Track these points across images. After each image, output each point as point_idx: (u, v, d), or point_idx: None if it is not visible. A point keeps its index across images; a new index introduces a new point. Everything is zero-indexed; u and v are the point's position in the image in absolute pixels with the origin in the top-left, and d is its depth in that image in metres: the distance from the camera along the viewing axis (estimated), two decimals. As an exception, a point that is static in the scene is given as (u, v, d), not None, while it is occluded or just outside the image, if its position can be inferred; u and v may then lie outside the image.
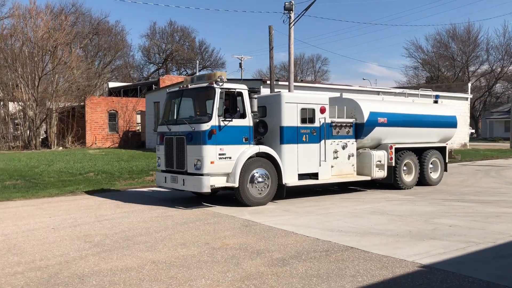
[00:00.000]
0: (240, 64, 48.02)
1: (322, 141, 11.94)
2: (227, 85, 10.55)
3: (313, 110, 11.84)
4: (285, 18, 23.35)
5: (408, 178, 13.81)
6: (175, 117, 11.28)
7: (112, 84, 50.39)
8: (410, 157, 13.78)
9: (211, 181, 10.21)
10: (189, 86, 11.22)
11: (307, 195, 12.46)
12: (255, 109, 10.85)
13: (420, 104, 15.19)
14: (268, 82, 24.38)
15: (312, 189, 13.09)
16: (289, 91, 23.49)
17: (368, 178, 12.87)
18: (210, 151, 10.19)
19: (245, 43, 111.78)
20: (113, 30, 60.43)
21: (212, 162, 10.21)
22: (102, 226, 8.74)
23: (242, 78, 41.70)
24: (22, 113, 36.80)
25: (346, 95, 14.23)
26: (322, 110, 12.00)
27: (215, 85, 10.33)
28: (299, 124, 11.53)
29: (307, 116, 11.70)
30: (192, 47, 68.34)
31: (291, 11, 22.99)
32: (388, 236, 7.67)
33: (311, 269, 5.95)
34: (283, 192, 11.18)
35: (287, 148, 11.32)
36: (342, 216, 9.59)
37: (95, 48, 57.85)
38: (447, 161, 15.07)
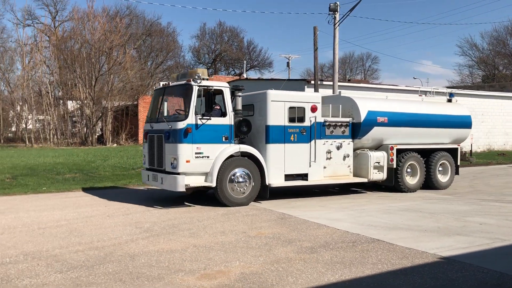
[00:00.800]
0: (288, 63, 48.59)
1: (313, 141, 11.59)
2: (206, 83, 10.39)
3: (303, 108, 11.49)
4: (330, 19, 23.76)
5: (412, 180, 13.23)
6: (157, 115, 11.20)
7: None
8: (415, 159, 13.17)
9: (187, 180, 10.10)
10: (170, 84, 11.17)
11: (342, 194, 12.89)
12: (240, 107, 10.83)
13: (430, 103, 14.30)
14: (313, 82, 24.79)
15: (346, 188, 13.52)
16: (333, 91, 23.85)
17: (365, 180, 12.42)
18: (185, 150, 10.07)
19: (293, 42, 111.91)
20: (165, 31, 62.62)
21: (187, 161, 10.08)
22: (151, 214, 9.62)
23: (289, 77, 42.31)
24: (79, 111, 39.15)
25: (345, 93, 13.65)
26: (313, 109, 11.60)
27: (192, 83, 10.22)
28: (287, 123, 11.23)
29: (296, 115, 11.40)
30: (240, 47, 69.52)
31: (336, 12, 23.35)
32: (415, 231, 8.05)
33: (336, 256, 6.49)
34: (266, 193, 10.90)
35: (273, 148, 11.06)
36: (375, 212, 9.99)
37: (147, 49, 60.16)
38: (458, 163, 14.23)
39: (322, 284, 5.41)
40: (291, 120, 11.32)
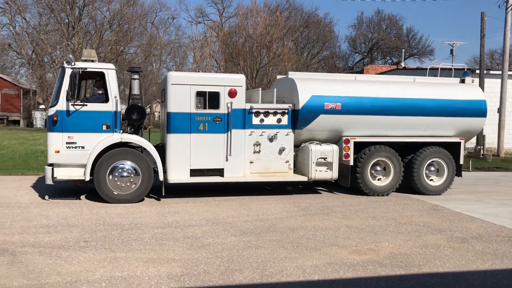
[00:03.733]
0: (451, 50, 45.60)
1: (234, 131, 9.95)
2: (82, 65, 9.36)
3: (217, 93, 9.89)
4: (501, 2, 21.97)
5: (381, 182, 10.84)
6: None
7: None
8: (385, 155, 10.69)
9: (57, 173, 9.23)
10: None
11: (504, 190, 12.22)
12: (136, 92, 10.00)
13: (425, 84, 11.41)
14: (478, 71, 23.19)
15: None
16: (502, 81, 22.07)
17: (304, 178, 10.46)
18: (54, 139, 9.23)
19: (458, 27, 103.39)
20: (321, 22, 63.52)
21: (57, 152, 9.21)
22: (306, 197, 10.55)
23: (453, 65, 39.63)
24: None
25: (300, 75, 11.27)
26: (232, 94, 9.95)
27: (65, 65, 9.32)
28: (194, 110, 9.80)
29: (207, 100, 9.91)
30: (399, 35, 66.99)
31: (509, -5, 21.45)
32: None
33: (488, 248, 6.56)
34: (161, 190, 9.68)
35: (175, 138, 9.72)
36: (540, 211, 9.44)
37: (304, 40, 61.83)
38: (461, 162, 11.32)
39: (471, 270, 5.65)
40: (200, 106, 9.98)
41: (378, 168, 10.83)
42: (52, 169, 9.23)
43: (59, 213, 8.34)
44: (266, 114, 10.30)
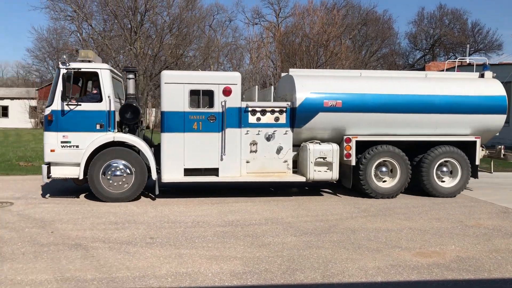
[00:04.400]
0: (521, 44, 43.08)
1: (228, 130, 9.78)
2: (77, 65, 9.52)
3: (211, 91, 9.76)
4: None
5: (386, 184, 10.32)
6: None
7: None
8: (391, 155, 10.18)
9: (53, 171, 9.49)
10: None
11: None
12: (132, 91, 9.98)
13: (437, 80, 10.81)
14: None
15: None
16: None
17: (303, 179, 10.07)
18: (50, 138, 9.48)
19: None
20: (380, 19, 62.06)
21: (52, 150, 9.46)
22: (366, 198, 10.35)
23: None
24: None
25: (302, 72, 11.10)
26: (226, 92, 9.77)
27: (60, 66, 9.51)
28: (188, 109, 9.70)
29: (201, 99, 9.80)
30: (463, 30, 64.12)
31: None
32: None
33: None
34: (155, 189, 9.67)
35: (168, 138, 9.69)
36: None
37: (362, 38, 60.67)
38: (477, 162, 10.54)
39: (546, 277, 5.34)
40: (194, 105, 9.84)
41: (384, 169, 10.31)
42: (48, 167, 9.48)
43: (126, 210, 8.72)
44: (263, 112, 10.04)
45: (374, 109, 10.13)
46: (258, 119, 10.03)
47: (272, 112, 10.06)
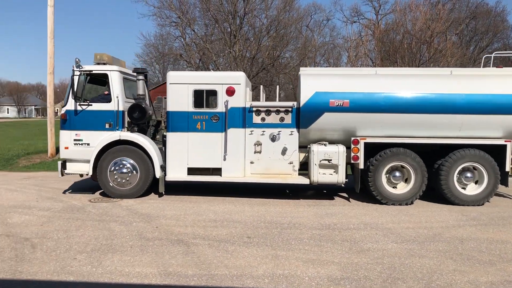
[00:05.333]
0: None
1: (230, 130, 9.72)
2: (89, 67, 9.96)
3: (214, 91, 9.75)
4: None
5: (398, 190, 9.50)
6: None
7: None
8: (404, 159, 9.39)
9: (68, 168, 10.13)
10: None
11: None
12: (141, 92, 10.15)
13: (462, 77, 9.63)
14: None
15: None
16: None
17: (306, 181, 9.59)
18: (64, 136, 10.04)
19: None
20: (492, 11, 57.37)
21: (66, 148, 10.04)
22: (476, 206, 9.56)
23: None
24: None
25: (311, 70, 10.72)
26: (230, 92, 9.69)
27: (74, 68, 9.89)
28: (192, 109, 9.75)
29: (205, 99, 9.76)
30: None
31: None
32: None
33: None
34: (162, 188, 9.90)
35: (173, 137, 9.84)
36: None
37: (470, 33, 56.55)
38: (507, 169, 9.26)
39: None
40: (198, 105, 9.77)
41: (397, 173, 9.56)
42: (62, 164, 10.16)
43: (224, 209, 8.95)
44: (268, 112, 9.86)
45: (386, 109, 9.44)
46: (263, 119, 9.90)
47: (277, 112, 9.88)
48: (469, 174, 9.52)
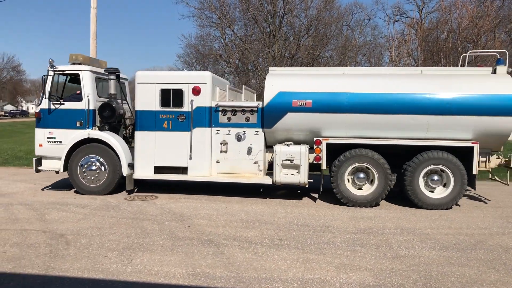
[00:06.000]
0: None
1: (196, 129, 9.77)
2: (62, 67, 10.31)
3: (181, 91, 9.80)
4: None
5: (363, 191, 9.32)
6: None
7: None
8: (367, 160, 9.20)
9: (44, 164, 10.49)
10: None
11: None
12: (112, 91, 10.36)
13: (432, 77, 9.34)
14: None
15: None
16: None
17: (269, 181, 9.54)
18: (39, 134, 10.40)
19: None
20: (544, 8, 54.60)
21: (40, 145, 10.40)
22: (523, 211, 9.07)
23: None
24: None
25: (280, 70, 10.66)
26: (196, 91, 9.74)
27: (48, 68, 10.22)
28: (159, 108, 9.84)
29: (172, 98, 9.81)
30: None
31: None
32: None
33: None
34: (131, 184, 10.15)
35: (141, 136, 9.98)
36: None
37: (521, 31, 54.08)
38: (474, 172, 8.98)
39: None
40: (165, 104, 9.84)
41: (362, 175, 9.33)
42: (37, 160, 10.50)
43: (257, 209, 8.86)
44: (234, 112, 9.84)
45: (349, 110, 9.23)
46: (229, 118, 9.87)
47: (243, 112, 9.84)
48: (436, 177, 9.20)
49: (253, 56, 40.75)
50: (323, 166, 9.42)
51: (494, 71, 9.52)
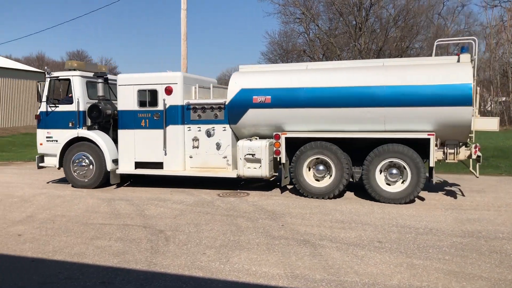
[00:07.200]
0: None
1: (170, 126, 10.35)
2: (56, 74, 11.46)
3: (155, 91, 10.42)
4: None
5: (320, 183, 9.46)
6: None
7: None
8: (324, 152, 9.32)
9: (46, 161, 11.64)
10: None
11: None
12: (101, 93, 11.24)
13: (393, 68, 9.17)
14: None
15: None
16: None
17: (233, 175, 10.01)
18: (39, 134, 11.57)
19: None
20: None
21: (41, 144, 11.56)
22: None
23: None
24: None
25: (248, 68, 10.54)
26: (168, 91, 10.32)
27: (46, 75, 11.33)
28: (137, 108, 10.53)
29: (147, 98, 10.46)
30: None
31: None
32: None
33: None
34: (117, 179, 11.10)
35: (123, 134, 10.73)
36: None
37: None
38: (431, 164, 8.67)
39: None
40: (142, 104, 10.51)
41: (321, 167, 9.50)
42: (39, 158, 11.65)
43: (351, 209, 8.53)
44: (203, 109, 10.26)
45: (307, 104, 9.36)
46: (199, 116, 10.30)
47: (212, 109, 10.24)
48: (394, 171, 9.05)
49: (338, 50, 39.88)
50: (283, 160, 9.70)
51: (459, 60, 9.10)
